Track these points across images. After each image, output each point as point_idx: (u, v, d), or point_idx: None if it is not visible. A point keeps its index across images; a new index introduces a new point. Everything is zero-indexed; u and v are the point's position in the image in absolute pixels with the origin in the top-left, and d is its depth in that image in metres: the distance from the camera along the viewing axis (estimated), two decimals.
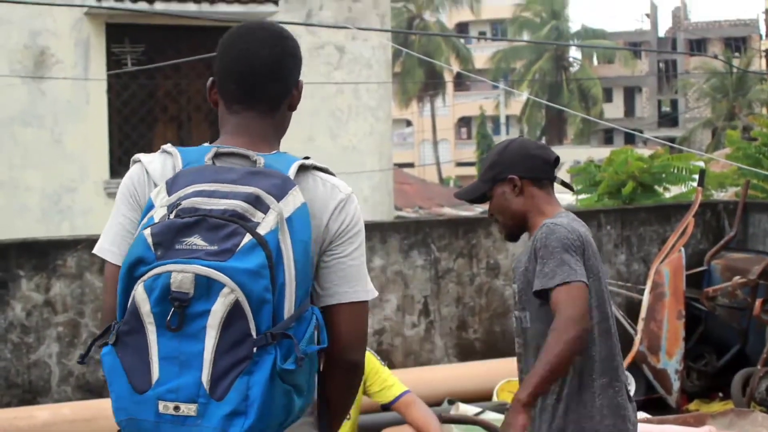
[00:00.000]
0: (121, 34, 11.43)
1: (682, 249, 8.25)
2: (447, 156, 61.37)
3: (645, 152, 13.77)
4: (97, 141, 11.18)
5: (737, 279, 8.19)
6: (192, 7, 11.49)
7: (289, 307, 2.34)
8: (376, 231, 8.18)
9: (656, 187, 11.65)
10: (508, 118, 56.67)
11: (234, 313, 2.26)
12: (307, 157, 2.61)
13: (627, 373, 8.16)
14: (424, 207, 24.30)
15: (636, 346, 8.09)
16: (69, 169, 11.12)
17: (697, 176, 9.88)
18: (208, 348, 2.27)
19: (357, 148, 12.17)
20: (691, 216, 8.38)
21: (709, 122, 50.23)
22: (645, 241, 9.08)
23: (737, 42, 58.77)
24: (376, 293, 2.62)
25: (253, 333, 2.27)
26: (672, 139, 44.74)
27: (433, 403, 5.35)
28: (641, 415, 7.09)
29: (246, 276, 2.27)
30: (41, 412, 6.60)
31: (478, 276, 8.45)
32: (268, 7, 11.71)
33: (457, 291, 8.40)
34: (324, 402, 2.61)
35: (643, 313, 8.12)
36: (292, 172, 2.50)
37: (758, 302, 7.88)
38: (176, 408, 2.28)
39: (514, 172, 3.67)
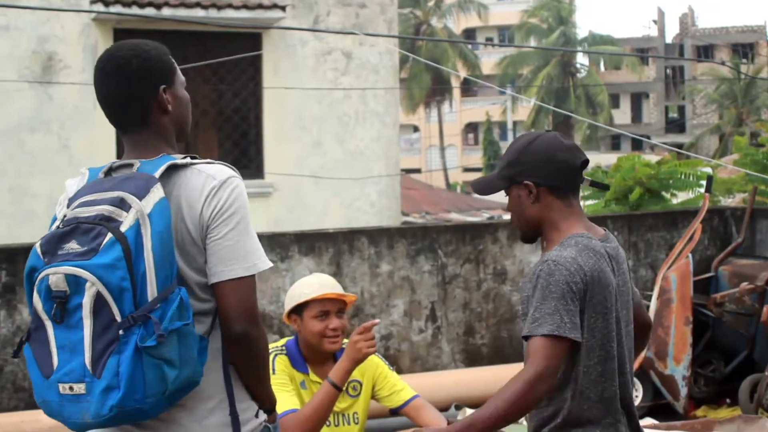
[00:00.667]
0: (128, 40, 11.46)
1: (690, 255, 8.24)
2: (454, 162, 61.38)
3: (652, 158, 13.78)
4: (104, 146, 11.19)
5: (745, 285, 8.18)
6: (199, 13, 11.51)
7: (151, 291, 2.69)
8: (383, 236, 8.18)
9: (663, 193, 11.66)
10: (515, 123, 56.65)
11: (99, 302, 2.66)
12: (190, 156, 2.94)
13: (635, 379, 8.15)
14: (431, 212, 24.29)
15: (643, 352, 8.08)
16: (76, 175, 11.14)
17: (704, 182, 9.87)
18: (86, 335, 2.67)
19: (364, 154, 12.18)
20: (699, 222, 8.37)
21: (716, 128, 50.19)
22: (652, 246, 9.07)
23: (745, 48, 58.70)
24: (263, 267, 2.88)
25: (117, 318, 2.65)
26: (679, 145, 44.68)
27: (440, 408, 5.34)
28: (649, 421, 7.09)
29: (103, 270, 2.66)
30: (48, 417, 6.61)
31: (485, 282, 8.44)
32: (275, 13, 11.72)
33: (464, 296, 8.40)
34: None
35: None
36: (159, 172, 2.82)
37: (766, 308, 7.87)
38: (71, 388, 2.71)
39: (531, 178, 3.35)
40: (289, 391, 4.85)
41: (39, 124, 11.12)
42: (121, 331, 2.65)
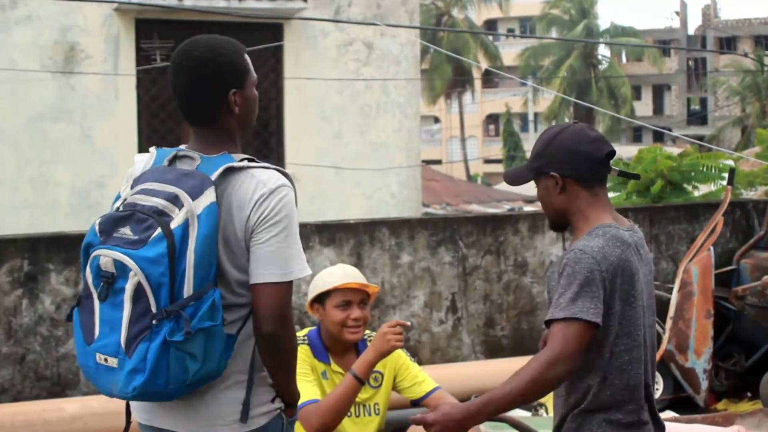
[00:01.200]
0: (150, 30, 11.47)
1: (711, 248, 8.21)
2: (475, 153, 61.31)
3: (674, 151, 13.72)
4: (126, 136, 11.22)
5: (767, 278, 8.15)
6: (221, 3, 11.52)
7: (188, 289, 2.91)
8: (404, 227, 8.18)
9: (685, 185, 11.61)
10: (536, 115, 56.52)
11: (139, 291, 2.89)
12: (249, 158, 3.12)
13: (655, 372, 8.13)
14: (452, 204, 24.29)
15: (664, 344, 8.06)
16: (98, 165, 11.17)
17: (726, 175, 9.83)
18: (125, 316, 2.92)
19: (385, 145, 12.17)
20: (721, 215, 8.34)
21: (738, 121, 49.93)
22: (674, 239, 9.05)
23: None
24: (300, 275, 3.10)
25: (153, 308, 2.89)
26: (701, 138, 44.49)
27: (460, 399, 5.33)
28: (669, 414, 7.07)
29: (147, 263, 2.89)
30: (70, 405, 6.64)
31: (505, 273, 8.44)
32: (297, 3, 11.72)
33: (485, 288, 8.39)
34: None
35: (671, 312, 8.09)
36: (215, 175, 3.02)
37: None
38: (105, 360, 2.97)
39: (556, 169, 3.43)
40: (310, 381, 4.86)
41: (61, 114, 11.15)
42: (154, 321, 2.89)
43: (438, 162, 52.40)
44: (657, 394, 8.09)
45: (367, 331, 5.26)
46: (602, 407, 3.38)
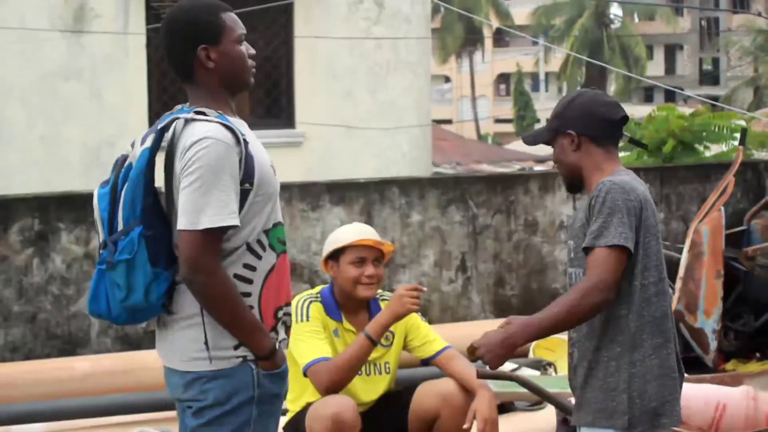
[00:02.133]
0: None
1: (722, 208, 8.19)
2: (485, 112, 61.13)
3: (686, 110, 13.66)
4: (136, 95, 11.20)
5: None
6: None
7: (120, 225, 3.27)
8: (414, 186, 8.18)
9: (697, 145, 11.57)
10: (547, 75, 56.29)
11: (96, 223, 3.37)
12: (199, 111, 3.28)
13: None
14: (462, 163, 24.24)
15: (674, 305, 8.06)
16: (108, 123, 11.16)
17: (738, 135, 9.79)
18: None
19: (396, 104, 12.13)
20: (732, 175, 8.31)
21: (751, 81, 49.64)
22: (684, 199, 9.03)
23: None
24: (205, 225, 3.17)
25: (101, 238, 3.35)
26: (713, 98, 44.28)
27: (469, 359, 5.36)
28: None
29: (99, 199, 3.35)
30: (81, 363, 6.68)
31: (515, 233, 8.44)
32: None
33: (495, 247, 8.40)
34: None
35: (681, 272, 8.08)
36: (162, 124, 3.29)
37: None
38: None
39: (573, 128, 3.66)
40: (321, 339, 4.88)
41: (71, 73, 11.14)
42: (101, 251, 3.34)
43: (448, 121, 52.26)
44: None
45: (379, 291, 5.27)
46: (632, 339, 3.52)
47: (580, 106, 3.70)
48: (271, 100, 11.93)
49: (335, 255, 5.04)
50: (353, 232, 5.08)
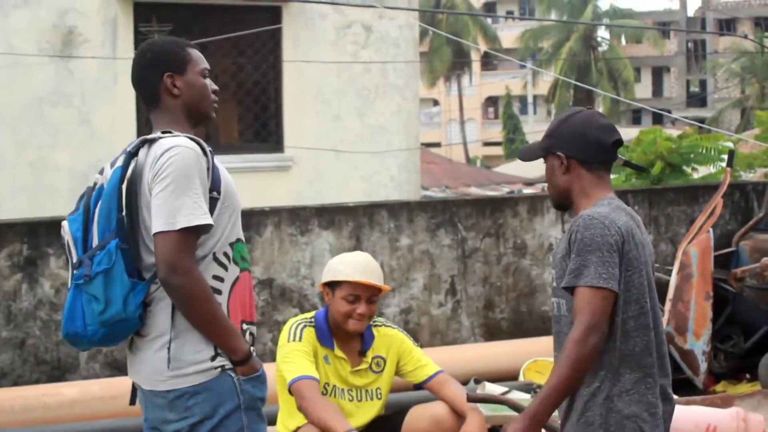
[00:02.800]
0: (148, 13, 11.43)
1: (711, 230, 8.21)
2: (474, 135, 61.22)
3: (673, 132, 13.71)
4: (124, 120, 11.19)
5: (766, 260, 8.15)
6: None
7: (95, 241, 3.39)
8: (403, 210, 8.18)
9: (684, 167, 11.61)
10: (535, 98, 56.42)
11: (69, 247, 3.47)
12: (165, 131, 3.48)
13: None
14: (451, 186, 24.25)
15: (663, 326, 8.06)
16: (97, 149, 11.14)
17: (725, 156, 9.83)
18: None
19: (384, 127, 12.14)
20: (720, 196, 8.34)
21: (738, 102, 49.83)
22: (673, 221, 9.05)
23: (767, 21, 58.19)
24: (182, 225, 3.28)
25: (74, 259, 3.42)
26: (701, 120, 44.44)
27: (460, 382, 5.35)
28: None
29: (70, 222, 3.49)
30: (69, 389, 6.66)
31: (504, 256, 8.44)
32: None
33: (484, 271, 8.40)
34: None
35: (670, 294, 8.10)
36: (131, 147, 3.47)
37: None
38: None
39: (563, 149, 3.60)
40: (310, 360, 4.87)
41: (60, 98, 11.13)
42: (74, 271, 3.41)
43: (437, 145, 52.33)
44: None
45: (376, 319, 5.26)
46: (613, 373, 3.47)
47: (572, 128, 3.61)
48: (259, 125, 11.93)
49: (331, 284, 5.03)
50: (354, 267, 5.02)
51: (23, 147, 11.03)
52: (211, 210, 3.39)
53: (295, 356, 4.83)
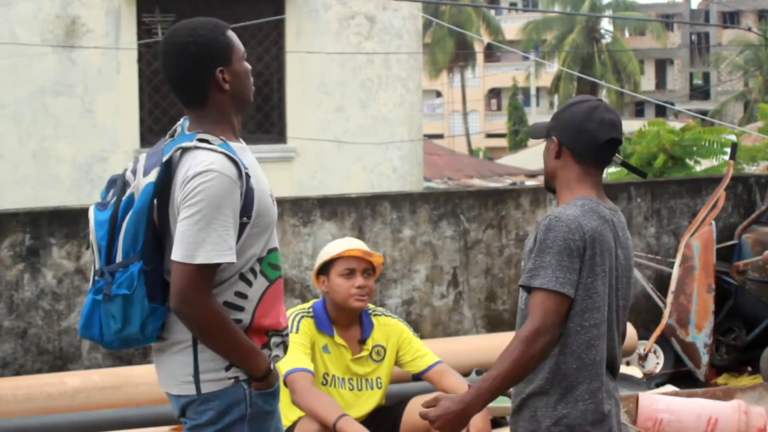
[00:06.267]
0: (151, 4, 11.43)
1: (713, 222, 8.21)
2: (477, 127, 61.20)
3: (676, 125, 13.70)
4: (127, 110, 11.20)
5: None
6: None
7: (119, 256, 3.22)
8: (405, 201, 8.18)
9: (687, 160, 11.60)
10: (538, 90, 56.39)
11: (92, 247, 3.33)
12: (202, 140, 3.22)
13: (656, 346, 8.15)
14: (454, 178, 24.27)
15: (665, 319, 8.08)
16: (100, 139, 11.16)
17: (728, 149, 9.82)
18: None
19: (387, 119, 12.14)
20: (723, 189, 8.33)
21: (741, 95, 49.85)
22: (675, 214, 9.05)
23: None
24: (201, 261, 3.13)
25: (97, 265, 3.29)
26: (704, 112, 44.42)
27: (461, 373, 5.36)
28: (670, 388, 7.09)
29: (97, 225, 3.30)
30: (72, 379, 6.66)
31: (507, 247, 8.44)
32: None
33: (486, 262, 8.40)
34: None
35: (672, 287, 8.10)
36: (166, 157, 3.20)
37: None
38: None
39: (559, 135, 3.54)
40: (306, 353, 4.88)
41: (63, 88, 11.14)
42: (96, 277, 3.28)
43: (440, 136, 52.33)
44: (657, 369, 8.11)
45: (371, 306, 5.28)
46: (562, 380, 3.41)
47: (572, 116, 3.53)
48: (262, 116, 11.93)
49: (325, 269, 5.06)
50: (341, 244, 5.12)
51: (26, 137, 11.04)
52: (239, 234, 3.24)
53: (290, 348, 4.84)
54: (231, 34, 3.36)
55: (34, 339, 7.18)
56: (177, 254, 3.15)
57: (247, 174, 3.23)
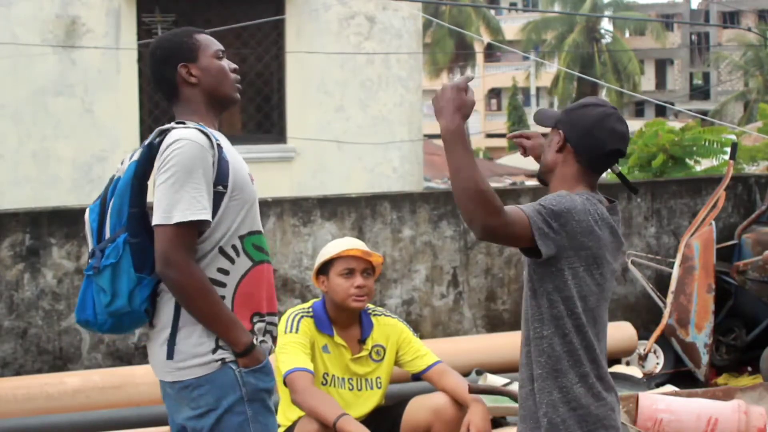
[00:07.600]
0: (151, 4, 11.42)
1: (713, 222, 8.21)
2: (476, 127, 61.19)
3: (676, 125, 13.69)
4: (127, 110, 11.19)
5: None
6: None
7: (108, 233, 3.43)
8: (405, 201, 8.18)
9: (687, 160, 11.59)
10: (538, 89, 56.39)
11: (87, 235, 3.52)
12: (180, 122, 3.51)
13: (656, 346, 8.15)
14: None
15: (665, 319, 8.07)
16: (100, 139, 11.15)
17: (728, 149, 9.81)
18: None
19: (387, 119, 12.14)
20: (723, 189, 8.33)
21: (741, 95, 49.84)
22: (675, 214, 9.05)
23: None
24: (177, 219, 3.31)
25: (90, 247, 3.49)
26: (704, 112, 44.42)
27: (461, 373, 5.36)
28: (669, 388, 7.09)
29: (90, 212, 3.53)
30: (72, 379, 6.66)
31: (507, 247, 8.44)
32: None
33: (486, 262, 8.40)
34: None
35: (672, 287, 8.10)
36: (148, 140, 3.49)
37: None
38: None
39: (566, 131, 3.54)
40: (306, 353, 4.89)
41: (63, 88, 11.13)
42: (90, 260, 3.47)
43: (440, 136, 52.24)
44: (657, 369, 8.11)
45: (371, 305, 5.28)
46: (557, 363, 3.43)
47: (585, 118, 3.54)
48: (262, 116, 11.93)
49: (325, 269, 5.06)
50: (340, 244, 5.13)
51: (26, 137, 11.04)
52: (217, 204, 3.41)
53: (290, 348, 4.85)
54: (201, 36, 3.68)
55: (34, 339, 7.18)
56: (156, 218, 3.36)
57: (219, 145, 3.45)
